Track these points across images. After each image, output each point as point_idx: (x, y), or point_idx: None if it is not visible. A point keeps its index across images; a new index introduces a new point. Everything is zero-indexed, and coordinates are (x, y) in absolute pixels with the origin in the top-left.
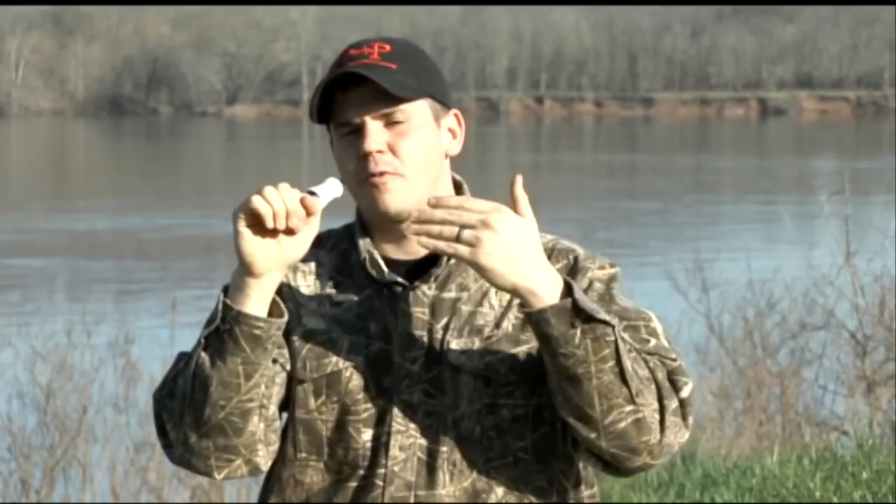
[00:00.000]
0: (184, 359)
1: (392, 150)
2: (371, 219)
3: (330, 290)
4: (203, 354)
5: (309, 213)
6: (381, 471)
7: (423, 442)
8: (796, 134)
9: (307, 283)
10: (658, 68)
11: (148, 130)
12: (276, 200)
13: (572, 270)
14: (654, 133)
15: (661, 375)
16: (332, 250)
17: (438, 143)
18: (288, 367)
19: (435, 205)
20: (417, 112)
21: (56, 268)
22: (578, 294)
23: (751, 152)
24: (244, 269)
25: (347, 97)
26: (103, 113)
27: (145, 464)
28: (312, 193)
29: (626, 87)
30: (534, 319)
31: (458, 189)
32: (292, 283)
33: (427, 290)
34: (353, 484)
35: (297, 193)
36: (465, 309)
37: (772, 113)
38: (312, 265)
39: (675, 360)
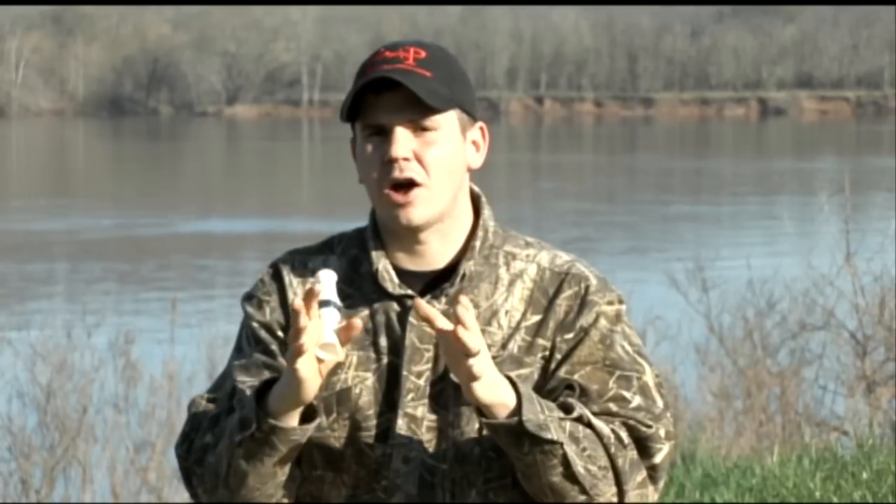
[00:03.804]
0: (209, 428)
1: (418, 158)
2: (388, 226)
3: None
4: (238, 450)
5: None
6: (384, 483)
7: (425, 457)
8: (796, 134)
9: None
10: (658, 68)
11: (148, 130)
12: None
13: (581, 302)
14: (654, 133)
15: (623, 461)
16: (342, 256)
17: (463, 154)
18: None
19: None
20: (446, 122)
21: (55, 268)
22: (527, 415)
23: (751, 152)
24: (298, 398)
25: (379, 100)
26: (103, 113)
27: (145, 464)
28: (326, 304)
29: (626, 87)
30: (485, 426)
31: (476, 201)
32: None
33: (437, 305)
34: (366, 497)
35: (333, 323)
36: None
37: (772, 113)
38: None
39: (650, 426)
